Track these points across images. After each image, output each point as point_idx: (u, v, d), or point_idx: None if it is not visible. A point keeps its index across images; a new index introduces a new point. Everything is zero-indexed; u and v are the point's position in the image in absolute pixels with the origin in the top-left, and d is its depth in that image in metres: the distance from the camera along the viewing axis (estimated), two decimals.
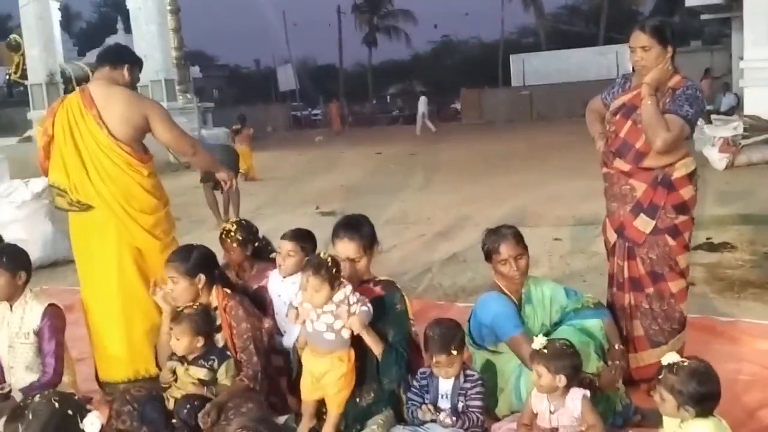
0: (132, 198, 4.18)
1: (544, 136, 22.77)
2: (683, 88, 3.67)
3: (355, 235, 3.50)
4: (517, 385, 3.43)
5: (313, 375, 3.33)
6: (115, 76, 4.29)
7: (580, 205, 9.51)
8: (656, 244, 3.75)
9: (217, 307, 3.69)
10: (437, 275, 6.61)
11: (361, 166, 17.51)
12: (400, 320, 3.46)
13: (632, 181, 3.76)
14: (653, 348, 3.79)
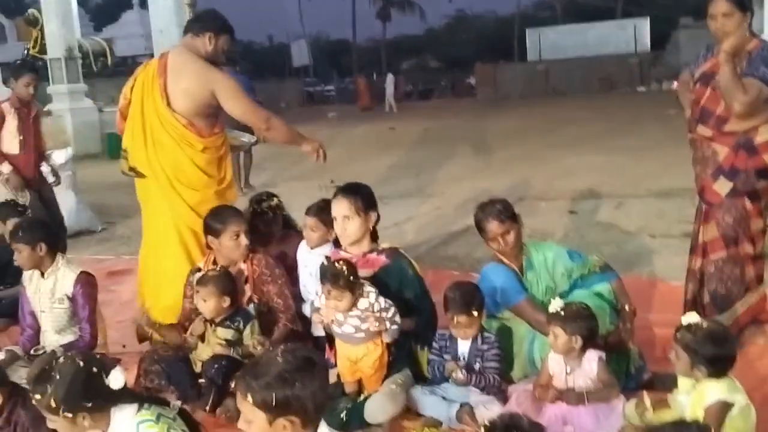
0: (180, 172, 4.16)
1: (560, 110, 22.70)
2: (759, 49, 3.69)
3: (349, 195, 3.67)
4: (530, 350, 3.54)
5: (349, 359, 3.48)
6: (196, 45, 4.18)
7: (596, 178, 9.55)
8: (734, 206, 3.82)
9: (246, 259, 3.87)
10: (452, 246, 6.70)
11: (375, 141, 17.57)
12: (414, 284, 3.60)
13: (714, 146, 3.84)
14: (720, 312, 3.87)
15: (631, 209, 7.65)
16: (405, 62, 61.28)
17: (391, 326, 3.38)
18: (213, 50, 4.17)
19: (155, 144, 4.15)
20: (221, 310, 3.65)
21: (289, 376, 2.10)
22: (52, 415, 2.38)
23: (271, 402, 2.08)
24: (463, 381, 3.28)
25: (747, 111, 3.64)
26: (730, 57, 3.65)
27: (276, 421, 2.10)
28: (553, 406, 3.09)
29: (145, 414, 2.43)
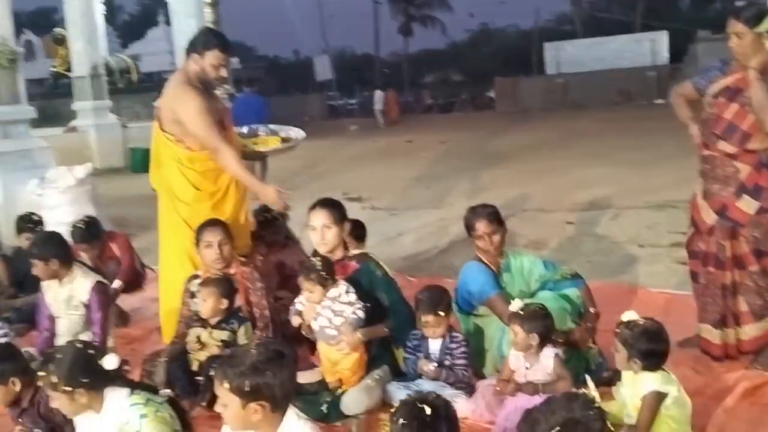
0: (176, 187, 4.35)
1: (577, 123, 22.84)
2: None
3: (326, 207, 4.00)
4: (499, 346, 3.85)
5: (330, 361, 3.80)
6: (188, 66, 4.30)
7: (598, 190, 9.78)
8: (760, 223, 3.91)
9: (236, 272, 4.14)
10: (449, 256, 6.98)
11: (392, 153, 17.89)
12: (384, 283, 3.92)
13: (736, 163, 3.91)
14: (757, 321, 4.00)
15: (625, 220, 7.89)
16: (427, 76, 61.70)
17: (351, 316, 3.70)
18: (200, 70, 4.25)
19: (159, 161, 4.44)
20: (218, 312, 3.98)
21: (260, 366, 2.42)
22: (54, 392, 2.73)
23: (244, 388, 2.39)
24: (432, 375, 3.58)
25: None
26: (759, 75, 3.77)
27: (248, 405, 2.41)
28: (513, 398, 3.38)
29: (135, 398, 2.76)
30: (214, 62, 4.24)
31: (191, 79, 4.27)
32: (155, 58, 32.26)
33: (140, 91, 22.69)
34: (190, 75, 4.28)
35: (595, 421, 1.98)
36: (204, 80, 4.29)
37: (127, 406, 2.73)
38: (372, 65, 58.82)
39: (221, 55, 4.25)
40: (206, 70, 4.25)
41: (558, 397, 2.11)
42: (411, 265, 6.67)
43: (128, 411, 2.71)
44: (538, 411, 2.04)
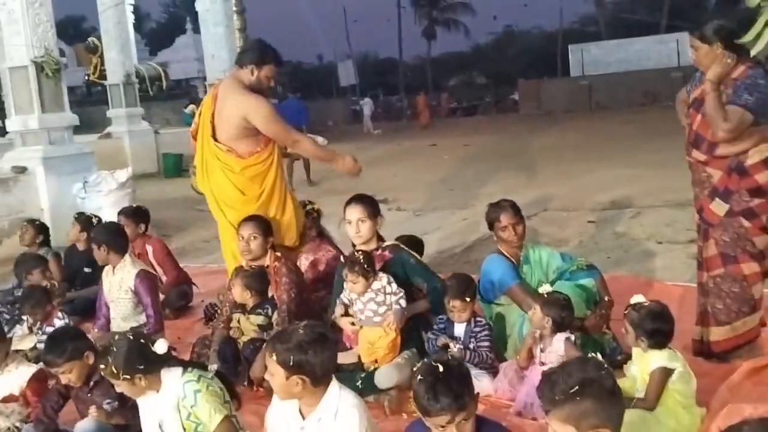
0: (223, 192, 4.68)
1: (600, 125, 23.01)
2: (743, 78, 3.93)
3: (360, 202, 4.33)
4: (520, 331, 4.16)
5: (368, 341, 4.13)
6: (241, 75, 4.60)
7: (619, 190, 10.03)
8: (731, 225, 4.02)
9: (269, 265, 4.54)
10: (473, 252, 7.28)
11: (416, 157, 18.20)
12: (419, 268, 4.31)
13: (709, 169, 4.08)
14: (718, 326, 4.12)
15: (645, 218, 8.13)
16: (452, 79, 61.92)
17: (395, 306, 4.06)
18: (256, 80, 4.59)
19: (207, 168, 4.74)
20: (246, 299, 4.41)
21: (305, 345, 2.75)
22: (116, 380, 3.07)
23: (289, 362, 2.72)
24: (457, 355, 3.89)
25: (730, 137, 3.91)
26: (716, 86, 3.93)
27: (291, 378, 2.74)
28: (532, 376, 3.67)
29: (188, 375, 3.09)
30: (269, 74, 4.65)
31: (247, 88, 4.60)
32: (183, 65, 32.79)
33: (170, 98, 23.27)
34: (245, 84, 4.60)
35: (607, 379, 2.24)
36: (256, 89, 4.63)
37: (182, 383, 3.05)
38: (395, 69, 59.16)
39: (276, 69, 4.67)
40: (261, 80, 4.62)
41: (572, 361, 2.39)
42: (437, 263, 6.97)
43: (183, 387, 3.05)
44: (555, 374, 2.28)
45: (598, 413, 2.17)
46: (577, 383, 2.18)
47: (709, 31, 4.02)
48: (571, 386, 2.18)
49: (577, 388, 2.17)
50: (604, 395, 2.19)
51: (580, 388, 2.17)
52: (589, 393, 2.17)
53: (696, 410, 3.34)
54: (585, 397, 2.16)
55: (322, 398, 2.82)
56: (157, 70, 22.59)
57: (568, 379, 2.21)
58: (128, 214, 6.25)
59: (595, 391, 2.18)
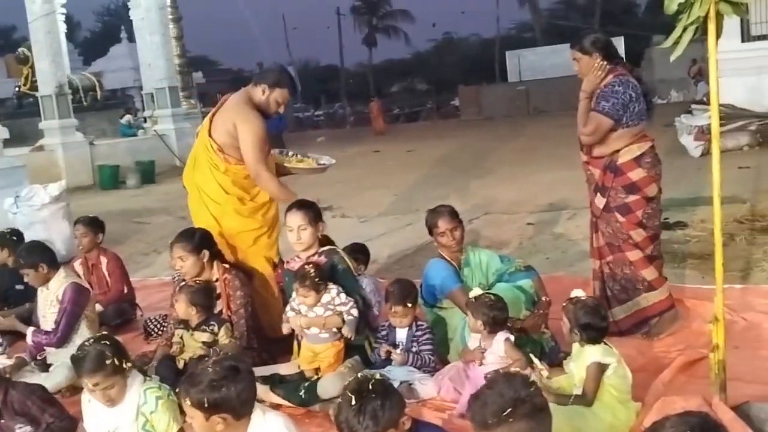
0: (206, 184, 4.73)
1: (538, 130, 23.40)
2: (604, 87, 4.34)
3: (301, 209, 4.29)
4: (462, 334, 4.21)
5: (313, 350, 4.12)
6: (253, 92, 4.73)
7: (556, 192, 10.25)
8: (609, 220, 4.45)
9: (218, 279, 4.44)
10: (417, 257, 7.33)
11: (360, 164, 18.23)
12: (345, 277, 4.25)
13: (591, 168, 4.54)
14: (620, 305, 4.50)
15: (581, 220, 8.24)
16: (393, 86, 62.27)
17: (347, 317, 4.04)
18: (264, 101, 4.71)
19: (197, 161, 4.82)
20: (190, 315, 4.30)
21: (217, 383, 2.67)
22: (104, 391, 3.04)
23: (204, 404, 2.65)
24: (400, 360, 3.92)
25: (591, 140, 4.37)
26: (587, 95, 4.38)
27: (211, 418, 2.67)
28: (474, 378, 3.72)
29: (149, 383, 3.13)
30: (280, 99, 4.75)
31: (254, 105, 4.70)
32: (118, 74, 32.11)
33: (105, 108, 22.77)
34: (254, 101, 4.71)
35: (536, 396, 2.21)
36: (263, 109, 4.73)
37: (143, 390, 3.05)
38: (337, 76, 59.22)
39: (287, 95, 4.79)
40: (270, 102, 4.73)
41: (498, 377, 2.33)
42: (381, 268, 7.02)
43: (144, 394, 3.03)
44: (484, 395, 2.22)
45: (531, 431, 2.17)
46: (508, 405, 2.15)
47: (587, 43, 4.40)
48: (503, 408, 2.15)
49: (510, 410, 2.14)
50: (535, 413, 2.17)
51: (512, 410, 2.14)
52: (521, 413, 2.14)
53: (632, 405, 3.44)
54: (517, 418, 2.13)
55: (251, 418, 2.78)
56: (91, 80, 22.13)
57: (498, 401, 2.17)
58: (86, 222, 6.17)
59: (527, 410, 2.15)
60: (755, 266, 5.86)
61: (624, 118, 4.32)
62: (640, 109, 4.38)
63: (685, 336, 4.50)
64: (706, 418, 2.04)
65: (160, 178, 17.84)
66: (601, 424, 3.24)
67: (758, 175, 9.94)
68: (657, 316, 4.54)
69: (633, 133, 4.38)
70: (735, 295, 5.03)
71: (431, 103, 45.77)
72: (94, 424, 3.14)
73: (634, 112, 4.35)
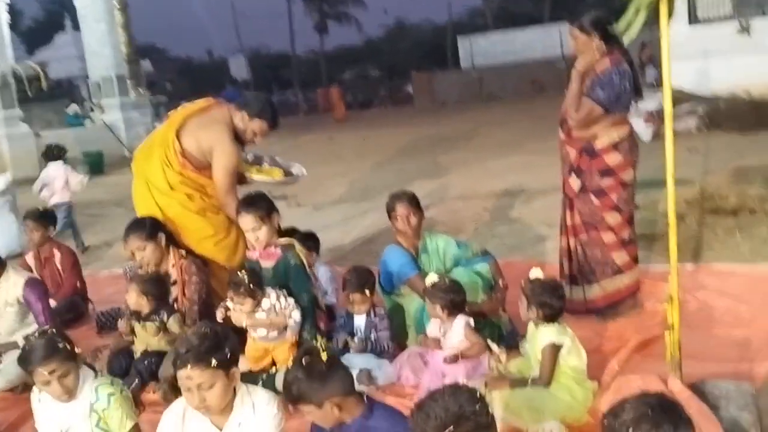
0: (154, 176, 4.64)
1: (492, 116, 23.56)
2: (601, 73, 4.29)
3: (251, 209, 4.18)
4: (420, 320, 4.20)
5: (265, 348, 4.06)
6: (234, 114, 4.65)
7: (512, 178, 10.31)
8: (585, 201, 4.47)
9: (174, 264, 4.40)
10: (374, 244, 7.31)
11: (314, 151, 18.14)
12: (297, 273, 4.19)
13: (567, 148, 4.51)
14: (588, 284, 4.54)
15: (536, 204, 8.40)
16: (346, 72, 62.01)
17: (290, 321, 4.01)
18: (243, 128, 4.66)
19: (150, 152, 4.71)
20: (142, 305, 4.24)
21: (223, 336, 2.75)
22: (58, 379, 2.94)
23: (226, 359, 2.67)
24: (358, 348, 3.90)
25: (579, 125, 4.35)
26: (579, 75, 4.31)
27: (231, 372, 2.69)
28: (434, 363, 3.73)
29: (101, 379, 3.05)
30: (257, 130, 4.69)
31: (233, 128, 4.65)
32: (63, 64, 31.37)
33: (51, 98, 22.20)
34: (232, 124, 4.64)
35: (483, 414, 2.15)
36: (239, 134, 4.67)
37: (94, 387, 2.98)
38: (289, 64, 58.73)
39: (266, 129, 4.72)
40: (247, 131, 4.67)
41: (445, 389, 2.25)
42: (338, 256, 6.99)
43: (96, 391, 2.96)
44: (428, 406, 2.17)
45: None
46: (451, 421, 2.10)
47: (587, 23, 4.33)
48: (445, 424, 2.09)
49: (452, 427, 2.09)
50: (479, 431, 2.13)
51: (454, 427, 2.09)
52: (464, 430, 2.10)
53: (588, 384, 3.47)
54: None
55: (234, 402, 2.75)
56: (36, 69, 21.51)
57: (442, 414, 2.12)
58: (36, 217, 5.99)
59: (470, 428, 2.11)
60: (705, 246, 5.97)
61: (613, 107, 4.33)
62: (629, 99, 4.39)
63: (640, 316, 4.58)
64: (663, 398, 2.07)
65: (109, 169, 17.51)
66: (559, 405, 3.27)
67: (706, 157, 10.15)
68: (622, 302, 4.58)
69: (615, 119, 4.38)
70: (687, 275, 5.14)
71: (384, 90, 45.70)
72: (46, 424, 3.05)
73: (622, 102, 4.37)
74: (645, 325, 4.37)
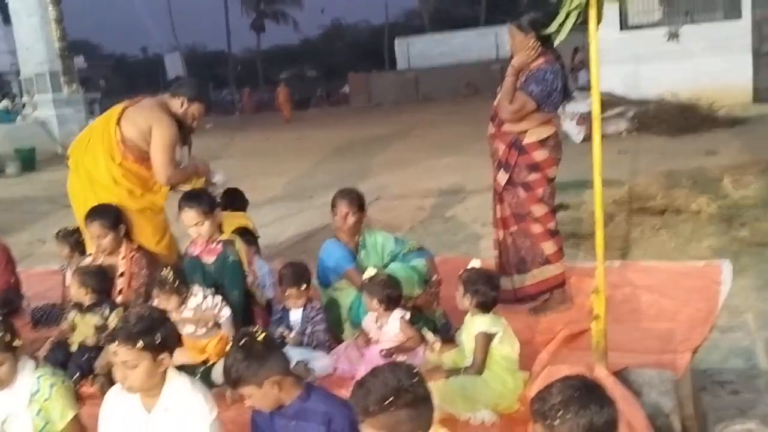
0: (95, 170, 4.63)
1: (428, 117, 23.76)
2: (536, 70, 4.46)
3: (194, 204, 4.22)
4: (356, 314, 4.28)
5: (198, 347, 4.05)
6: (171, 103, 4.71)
7: (447, 177, 10.48)
8: (512, 194, 4.64)
9: (125, 256, 4.41)
10: (310, 242, 7.34)
11: (250, 150, 18.03)
12: (230, 270, 4.23)
13: (496, 142, 4.66)
14: (520, 274, 4.70)
15: (470, 203, 8.55)
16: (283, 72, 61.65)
17: (222, 320, 4.04)
18: (182, 113, 4.71)
19: (89, 145, 4.67)
20: (82, 296, 4.23)
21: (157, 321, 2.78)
22: None
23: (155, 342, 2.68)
24: (294, 341, 3.95)
25: (511, 119, 4.50)
26: (515, 71, 4.49)
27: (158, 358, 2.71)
28: (370, 355, 3.80)
29: (42, 369, 3.01)
30: (197, 113, 4.79)
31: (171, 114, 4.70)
32: None
33: None
34: (171, 111, 4.70)
35: (419, 386, 2.26)
36: (179, 120, 4.72)
37: (36, 377, 2.94)
38: (225, 62, 58.10)
39: (203, 111, 4.83)
40: (187, 115, 4.75)
41: (384, 367, 2.37)
42: (275, 252, 6.99)
43: (38, 381, 2.93)
44: (368, 382, 2.27)
45: (412, 420, 2.21)
46: (391, 393, 2.19)
47: (525, 22, 4.50)
48: (385, 397, 2.19)
49: (392, 399, 2.18)
50: (417, 403, 2.22)
51: (394, 399, 2.18)
52: (403, 402, 2.19)
53: (519, 374, 3.59)
54: (399, 406, 2.18)
55: (163, 386, 2.77)
56: None
57: (381, 389, 2.21)
58: None
59: (409, 399, 2.20)
60: (633, 244, 6.20)
61: (544, 104, 4.49)
62: (558, 99, 4.56)
63: (569, 311, 4.73)
64: (586, 380, 2.19)
65: (42, 166, 17.11)
66: (491, 393, 3.38)
67: (636, 159, 10.50)
68: (550, 291, 4.76)
69: (543, 118, 4.54)
70: (615, 272, 5.33)
71: (321, 90, 45.61)
72: None
73: (553, 101, 4.53)
74: (574, 319, 4.52)
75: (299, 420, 2.69)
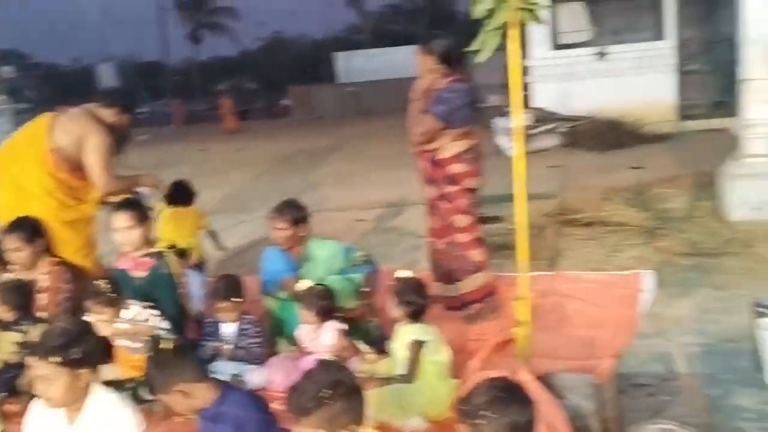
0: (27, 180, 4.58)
1: (368, 129, 23.85)
2: (438, 91, 4.62)
3: (128, 209, 4.26)
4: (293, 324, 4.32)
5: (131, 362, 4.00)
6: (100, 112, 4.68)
7: (387, 190, 10.58)
8: (437, 207, 4.84)
9: (49, 270, 4.37)
10: (249, 254, 7.36)
11: (186, 162, 17.81)
12: (164, 282, 4.23)
13: (419, 160, 4.87)
14: (451, 283, 4.87)
15: (410, 215, 8.67)
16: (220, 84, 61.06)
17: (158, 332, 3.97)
18: (116, 122, 4.72)
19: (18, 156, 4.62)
20: (4, 315, 4.15)
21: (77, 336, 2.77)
22: None
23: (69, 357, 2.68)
24: (227, 356, 3.98)
25: (422, 141, 4.70)
26: (420, 95, 4.70)
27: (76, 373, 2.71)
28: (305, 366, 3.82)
29: None
30: (125, 123, 4.83)
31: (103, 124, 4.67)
32: None
33: None
34: (103, 120, 4.68)
35: (350, 378, 2.40)
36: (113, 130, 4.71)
37: None
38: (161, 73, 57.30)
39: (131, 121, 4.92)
40: (119, 125, 4.77)
41: (315, 368, 2.48)
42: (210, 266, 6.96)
43: None
44: (302, 383, 2.37)
45: (346, 412, 2.31)
46: (325, 387, 2.28)
47: (427, 45, 4.67)
48: (319, 392, 2.28)
49: (326, 392, 2.27)
50: (351, 394, 2.32)
51: (328, 392, 2.27)
52: (339, 394, 2.29)
53: (450, 382, 3.71)
54: (335, 399, 2.27)
55: (86, 402, 2.77)
56: None
57: (315, 386, 2.30)
58: None
59: (344, 391, 2.30)
60: (561, 255, 6.41)
61: (451, 122, 4.65)
62: (466, 114, 4.69)
63: (499, 320, 4.87)
64: (507, 380, 2.32)
65: None
66: (423, 400, 3.48)
67: (566, 173, 10.80)
68: (482, 300, 4.91)
69: (456, 133, 4.69)
70: (543, 281, 5.50)
71: (261, 102, 45.36)
72: None
73: (459, 117, 4.66)
74: (504, 327, 4.66)
75: (214, 422, 2.74)
